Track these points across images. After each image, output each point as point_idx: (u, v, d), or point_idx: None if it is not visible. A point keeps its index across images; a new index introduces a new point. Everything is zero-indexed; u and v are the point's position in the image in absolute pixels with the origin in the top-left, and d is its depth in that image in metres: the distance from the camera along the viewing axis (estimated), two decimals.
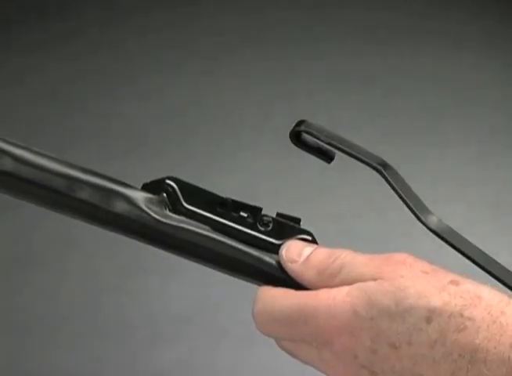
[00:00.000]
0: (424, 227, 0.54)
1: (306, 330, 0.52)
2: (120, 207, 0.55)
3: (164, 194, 0.56)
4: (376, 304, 0.49)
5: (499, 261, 0.54)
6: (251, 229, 0.55)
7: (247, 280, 0.56)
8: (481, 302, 0.48)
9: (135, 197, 0.56)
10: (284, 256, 0.54)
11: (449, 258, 0.72)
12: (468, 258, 0.53)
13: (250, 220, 0.55)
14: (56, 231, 1.68)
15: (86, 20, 2.12)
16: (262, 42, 2.11)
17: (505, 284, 0.53)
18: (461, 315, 0.47)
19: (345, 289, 0.50)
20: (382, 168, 0.53)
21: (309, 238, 0.55)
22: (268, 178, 1.75)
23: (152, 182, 0.56)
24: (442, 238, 0.53)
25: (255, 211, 0.55)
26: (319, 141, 0.55)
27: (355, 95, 1.98)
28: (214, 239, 0.55)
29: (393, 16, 2.19)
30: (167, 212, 0.56)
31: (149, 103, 1.92)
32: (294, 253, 0.53)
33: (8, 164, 0.56)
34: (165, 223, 0.55)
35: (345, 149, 0.54)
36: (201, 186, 0.57)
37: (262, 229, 0.55)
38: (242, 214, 0.55)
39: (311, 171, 1.65)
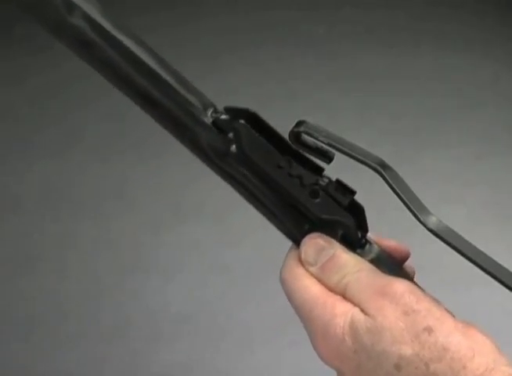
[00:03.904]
0: (424, 228, 0.54)
1: (308, 328, 0.55)
2: (184, 136, 0.57)
3: (231, 134, 0.56)
4: (360, 340, 0.51)
5: (498, 261, 0.54)
6: (298, 195, 0.56)
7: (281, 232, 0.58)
8: (446, 355, 0.50)
9: (201, 132, 0.57)
10: (302, 257, 0.56)
11: (449, 259, 0.72)
12: (467, 258, 0.53)
13: (306, 181, 0.56)
14: (56, 231, 1.69)
15: None
16: (262, 42, 2.11)
17: (504, 284, 0.53)
18: (427, 368, 0.50)
19: (348, 315, 0.52)
20: (381, 168, 0.53)
21: (340, 231, 0.56)
22: None
23: (230, 112, 0.57)
24: (442, 238, 0.53)
25: (315, 171, 0.56)
26: (318, 142, 0.55)
27: (355, 95, 1.98)
28: (261, 192, 0.57)
29: (393, 16, 2.19)
30: (226, 155, 0.56)
31: None
32: (311, 257, 0.55)
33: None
34: (220, 165, 0.57)
35: (344, 149, 0.54)
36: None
37: (310, 198, 0.56)
38: (300, 173, 0.56)
39: None
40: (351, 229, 0.56)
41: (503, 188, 1.80)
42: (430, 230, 0.53)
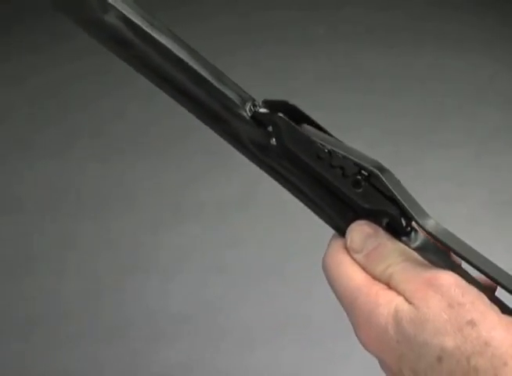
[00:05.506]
0: (422, 230, 0.54)
1: (350, 315, 0.54)
2: (223, 131, 0.57)
3: (270, 128, 0.56)
4: (402, 330, 0.51)
5: (497, 262, 0.54)
6: (341, 185, 0.55)
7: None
8: (487, 351, 0.49)
9: (240, 126, 0.57)
10: (348, 243, 0.56)
11: None
12: (466, 260, 0.53)
13: (347, 172, 0.55)
14: (56, 231, 1.69)
15: None
16: (262, 42, 2.11)
17: (503, 287, 0.53)
18: (468, 363, 0.49)
19: (392, 305, 0.52)
20: (379, 171, 0.53)
21: (385, 220, 0.55)
22: (267, 178, 1.75)
23: (270, 105, 0.56)
24: (440, 241, 0.53)
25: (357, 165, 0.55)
26: None
27: (355, 95, 1.98)
28: (302, 183, 0.57)
29: (393, 16, 2.19)
30: (267, 149, 0.56)
31: (149, 103, 1.92)
32: (357, 244, 0.55)
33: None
34: (261, 158, 0.57)
35: (341, 152, 0.54)
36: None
37: (353, 188, 0.55)
38: (340, 165, 0.55)
39: None
40: (395, 217, 0.55)
41: (503, 188, 1.80)
42: (429, 233, 0.53)
